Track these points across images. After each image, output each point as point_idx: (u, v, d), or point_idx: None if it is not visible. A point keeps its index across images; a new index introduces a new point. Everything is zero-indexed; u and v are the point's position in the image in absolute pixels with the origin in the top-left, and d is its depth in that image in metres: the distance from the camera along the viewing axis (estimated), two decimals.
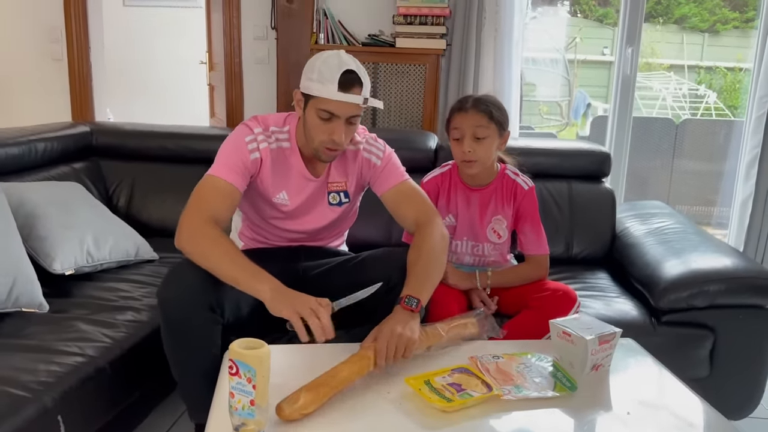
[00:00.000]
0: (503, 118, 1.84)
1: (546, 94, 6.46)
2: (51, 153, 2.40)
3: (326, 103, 1.59)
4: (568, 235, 2.42)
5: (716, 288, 1.89)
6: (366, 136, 1.82)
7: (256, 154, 1.67)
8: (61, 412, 1.36)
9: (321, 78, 1.59)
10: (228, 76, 3.47)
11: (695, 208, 4.44)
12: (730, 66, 6.69)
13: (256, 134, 1.69)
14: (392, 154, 1.83)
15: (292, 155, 1.74)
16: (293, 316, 1.39)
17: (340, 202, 1.81)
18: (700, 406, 1.32)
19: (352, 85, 1.59)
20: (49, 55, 3.58)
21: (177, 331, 1.48)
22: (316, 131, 1.63)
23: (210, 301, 1.49)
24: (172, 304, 1.47)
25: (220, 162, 1.65)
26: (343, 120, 1.61)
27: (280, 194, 1.74)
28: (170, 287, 1.49)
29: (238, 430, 1.11)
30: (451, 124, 1.86)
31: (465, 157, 1.83)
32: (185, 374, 1.53)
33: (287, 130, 1.74)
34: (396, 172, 1.79)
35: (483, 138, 1.81)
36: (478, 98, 1.85)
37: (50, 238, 1.92)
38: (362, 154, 1.79)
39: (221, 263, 1.49)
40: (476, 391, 1.29)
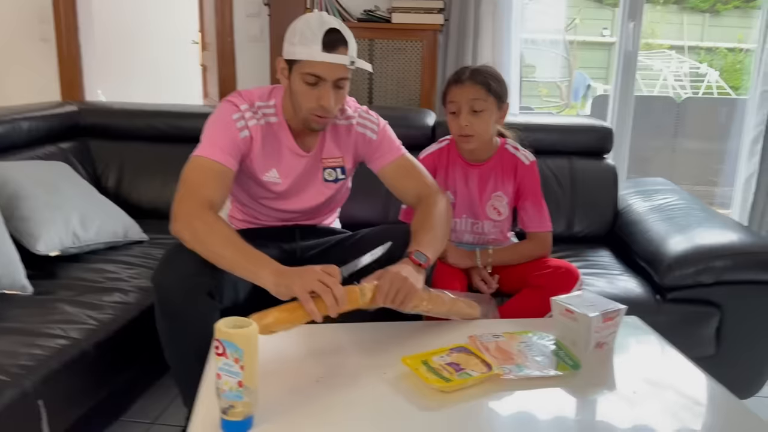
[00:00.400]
0: (502, 89, 1.77)
1: (546, 75, 6.39)
2: (37, 132, 2.34)
3: (311, 65, 1.51)
4: (570, 213, 2.37)
5: (723, 264, 1.84)
6: (358, 110, 1.75)
7: (245, 132, 1.59)
8: (43, 396, 1.31)
9: (303, 40, 1.50)
10: (220, 55, 3.40)
11: (697, 187, 4.39)
12: (730, 46, 6.63)
13: (242, 111, 1.60)
14: (386, 127, 1.76)
15: (281, 130, 1.66)
16: (304, 295, 1.26)
17: (336, 179, 1.74)
18: (707, 384, 1.27)
19: (337, 44, 1.51)
20: (37, 36, 3.51)
21: (173, 317, 1.41)
22: (303, 98, 1.56)
23: (209, 286, 1.42)
24: (169, 289, 1.40)
25: (208, 142, 1.56)
26: (331, 83, 1.53)
27: (270, 172, 1.67)
28: (167, 271, 1.42)
29: (226, 413, 1.06)
30: (448, 97, 1.79)
31: (462, 131, 1.76)
32: (180, 360, 1.47)
33: (273, 104, 1.66)
34: (393, 146, 1.74)
35: (480, 111, 1.74)
36: (475, 69, 1.78)
37: (34, 219, 1.86)
38: (356, 128, 1.73)
39: (220, 250, 1.40)
40: (475, 370, 1.24)
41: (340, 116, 1.73)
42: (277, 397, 1.15)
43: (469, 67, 1.80)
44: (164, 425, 1.87)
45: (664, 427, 1.12)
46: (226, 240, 1.41)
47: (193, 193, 1.48)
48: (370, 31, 3.02)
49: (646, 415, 1.15)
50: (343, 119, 1.73)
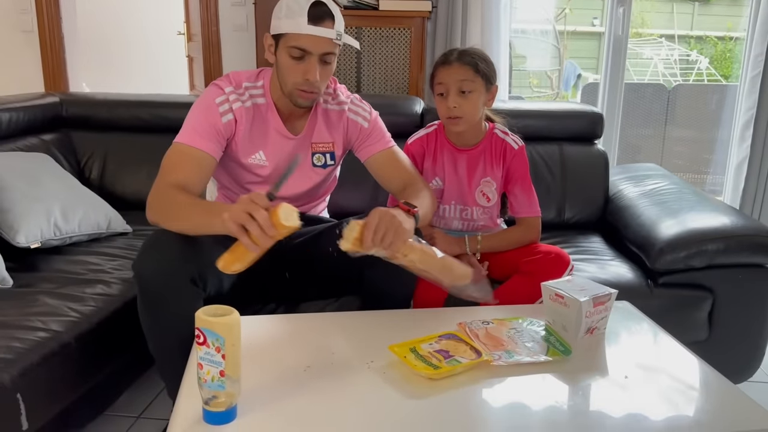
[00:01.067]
0: (490, 71, 1.74)
1: (536, 65, 6.37)
2: (18, 124, 2.29)
3: (296, 39, 1.49)
4: (560, 199, 2.35)
5: (715, 247, 1.83)
6: (351, 97, 1.73)
7: (229, 116, 1.56)
8: (21, 390, 1.27)
9: (289, 13, 1.49)
10: (206, 45, 3.35)
11: (688, 175, 4.39)
12: (720, 35, 6.63)
13: (227, 93, 1.57)
14: (378, 117, 1.76)
15: (268, 111, 1.64)
16: (236, 230, 1.22)
17: (325, 164, 1.72)
18: (700, 369, 1.26)
19: (323, 18, 1.49)
20: (18, 27, 3.45)
21: (155, 305, 1.38)
22: (289, 72, 1.53)
23: (191, 273, 1.38)
24: (150, 276, 1.36)
25: (188, 127, 1.54)
26: (317, 57, 1.51)
27: (256, 154, 1.63)
28: (148, 258, 1.38)
29: (209, 404, 1.03)
30: (435, 78, 1.76)
31: (450, 113, 1.73)
32: (164, 351, 1.43)
33: (261, 85, 1.64)
34: (383, 137, 1.74)
35: (469, 92, 1.71)
36: (463, 50, 1.75)
37: (14, 211, 1.82)
38: (348, 114, 1.71)
39: (186, 218, 1.39)
40: (465, 357, 1.22)
41: (331, 101, 1.71)
42: (262, 386, 1.12)
43: (456, 49, 1.77)
44: (150, 419, 1.84)
45: (657, 412, 1.10)
46: (188, 206, 1.41)
47: (164, 178, 1.49)
48: (358, 19, 2.97)
49: (638, 400, 1.13)
50: (335, 104, 1.71)
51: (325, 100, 1.71)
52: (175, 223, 1.41)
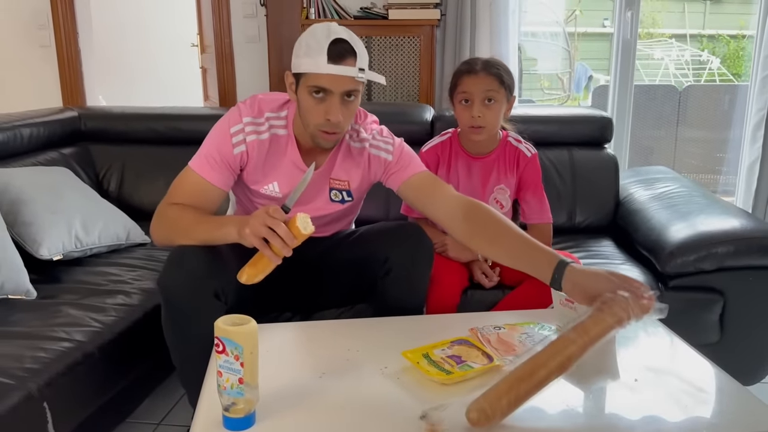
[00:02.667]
0: (512, 82, 1.79)
1: (547, 67, 6.38)
2: (38, 138, 2.35)
3: (316, 78, 1.43)
4: (571, 204, 2.36)
5: (725, 250, 1.83)
6: (373, 132, 1.66)
7: (241, 148, 1.54)
8: (48, 399, 1.31)
9: (309, 52, 1.43)
10: (219, 57, 3.40)
11: (700, 176, 4.37)
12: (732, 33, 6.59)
13: (244, 124, 1.54)
14: (403, 145, 1.67)
15: (288, 144, 1.59)
16: (258, 243, 1.27)
17: (343, 200, 1.68)
18: (711, 371, 1.26)
19: (344, 55, 1.42)
20: (36, 42, 3.52)
21: (180, 319, 1.42)
22: (311, 113, 1.48)
23: (215, 288, 1.42)
24: (175, 292, 1.39)
25: (202, 153, 1.54)
26: (338, 96, 1.45)
27: (269, 185, 1.61)
28: (173, 274, 1.40)
29: (228, 410, 1.06)
30: (459, 87, 1.78)
31: (473, 122, 1.76)
32: (186, 361, 1.47)
33: (284, 116, 1.60)
34: (414, 163, 1.64)
35: (493, 103, 1.74)
36: (487, 61, 1.77)
37: (36, 224, 1.87)
38: (369, 151, 1.64)
39: (189, 232, 1.43)
40: (477, 362, 1.24)
41: (355, 137, 1.65)
42: (279, 392, 1.15)
43: (479, 59, 1.79)
44: (170, 425, 1.88)
45: (668, 414, 1.11)
46: (192, 221, 1.44)
47: (168, 201, 1.52)
48: (367, 29, 3.01)
49: (649, 403, 1.14)
50: (357, 141, 1.65)
51: (351, 135, 1.65)
52: (185, 240, 1.43)
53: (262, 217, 1.27)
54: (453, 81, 1.80)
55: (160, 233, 1.49)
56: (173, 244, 1.45)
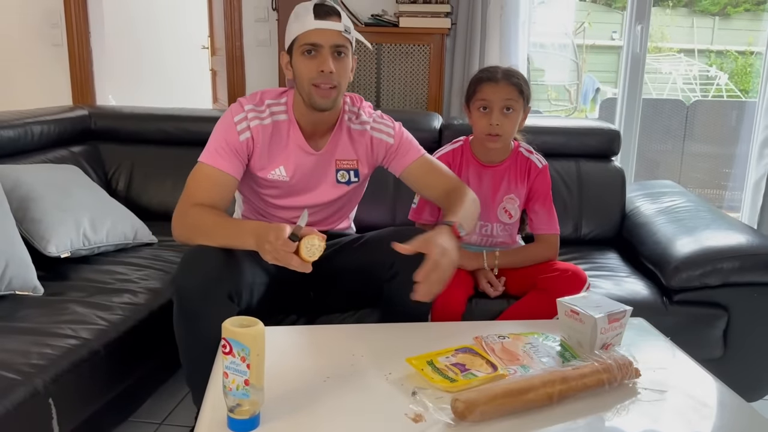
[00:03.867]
0: (529, 93, 1.81)
1: (554, 78, 6.38)
2: (48, 136, 2.36)
3: (306, 36, 1.55)
4: (577, 215, 2.37)
5: (730, 265, 1.83)
6: (373, 115, 1.76)
7: (246, 134, 1.61)
8: (53, 395, 1.32)
9: (296, 18, 1.57)
10: (229, 60, 3.42)
11: (706, 191, 4.37)
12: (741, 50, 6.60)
13: (246, 111, 1.63)
14: (402, 129, 1.78)
15: (291, 128, 1.68)
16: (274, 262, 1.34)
17: (349, 181, 1.75)
18: (715, 387, 1.27)
19: (329, 13, 1.56)
20: (48, 41, 3.55)
21: (192, 319, 1.43)
22: (305, 71, 1.57)
23: (229, 290, 1.44)
24: (190, 292, 1.41)
25: (210, 146, 1.61)
26: (328, 49, 1.55)
27: (276, 170, 1.68)
28: (188, 274, 1.43)
29: (233, 411, 1.07)
30: (478, 94, 1.78)
31: (491, 130, 1.76)
32: (195, 361, 1.48)
33: (284, 102, 1.68)
34: (412, 147, 1.76)
35: (511, 112, 1.76)
36: (507, 70, 1.79)
37: (45, 221, 1.88)
38: (371, 133, 1.73)
39: (210, 235, 1.46)
40: (481, 371, 1.25)
41: (355, 119, 1.73)
42: (284, 395, 1.16)
43: (500, 67, 1.81)
44: (172, 425, 1.89)
45: (672, 429, 1.12)
46: (213, 226, 1.47)
47: (188, 198, 1.56)
48: (378, 36, 3.03)
49: (652, 417, 1.15)
50: (358, 123, 1.73)
51: (350, 118, 1.73)
52: (205, 241, 1.48)
53: (273, 253, 1.32)
54: (471, 88, 1.81)
55: (181, 232, 1.54)
56: (193, 243, 1.50)
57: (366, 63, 3.05)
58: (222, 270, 1.43)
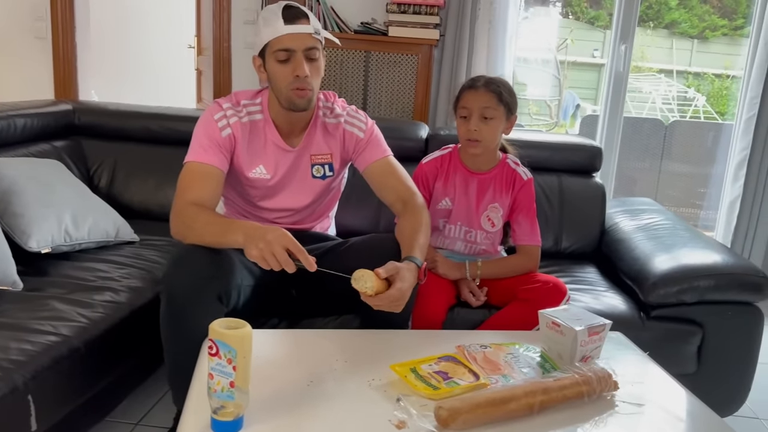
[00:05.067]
0: (512, 101, 1.83)
1: (536, 93, 6.46)
2: (31, 130, 2.34)
3: (278, 42, 1.58)
4: (557, 229, 2.40)
5: (706, 284, 1.87)
6: (347, 109, 1.80)
7: (227, 131, 1.65)
8: (32, 392, 1.31)
9: (265, 23, 1.59)
10: (216, 61, 3.41)
11: (681, 209, 4.45)
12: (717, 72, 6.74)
13: (225, 110, 1.67)
14: (374, 127, 1.81)
15: (266, 126, 1.72)
16: (260, 261, 1.35)
17: (324, 175, 1.78)
18: (688, 401, 1.30)
19: (298, 17, 1.59)
20: (32, 33, 3.50)
21: (180, 318, 1.43)
22: (280, 77, 1.61)
23: (219, 291, 1.45)
24: (179, 292, 1.41)
25: (194, 145, 1.64)
26: (301, 54, 1.59)
27: (257, 169, 1.71)
28: (178, 274, 1.43)
29: (217, 413, 1.06)
30: (460, 102, 1.84)
31: (470, 135, 1.80)
32: (180, 361, 1.46)
33: (259, 102, 1.73)
34: (380, 146, 1.78)
35: (490, 119, 1.79)
36: (490, 79, 1.83)
37: (27, 215, 1.86)
38: (344, 126, 1.77)
39: (203, 233, 1.47)
40: (463, 379, 1.26)
41: (329, 114, 1.77)
42: (267, 399, 1.16)
43: (483, 76, 1.85)
44: (149, 426, 1.87)
45: None
46: (205, 225, 1.48)
47: (181, 197, 1.57)
48: (367, 43, 3.05)
49: (629, 430, 1.17)
50: (332, 117, 1.77)
51: (324, 113, 1.78)
52: (196, 240, 1.49)
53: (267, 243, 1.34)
54: (457, 95, 1.85)
55: (177, 230, 1.55)
56: (187, 241, 1.51)
57: (354, 70, 3.07)
58: (212, 270, 1.44)
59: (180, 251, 1.49)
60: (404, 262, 1.47)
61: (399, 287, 1.38)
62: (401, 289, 1.38)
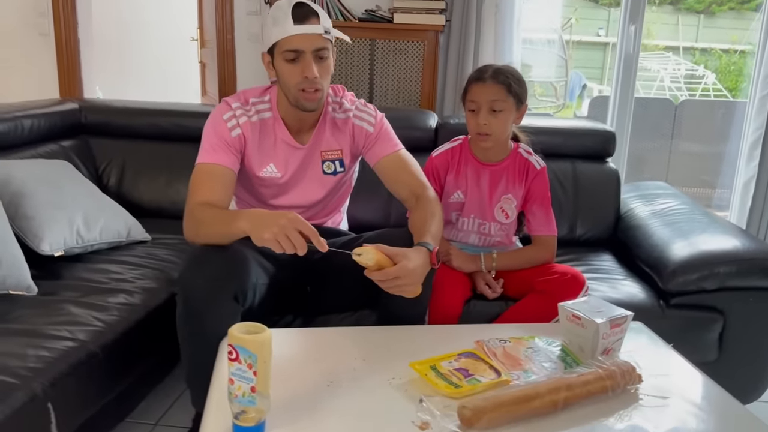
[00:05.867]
0: (522, 91, 1.78)
1: (541, 74, 6.39)
2: (38, 130, 2.32)
3: (287, 42, 1.56)
4: (572, 216, 2.37)
5: (726, 270, 1.85)
6: (356, 103, 1.78)
7: (237, 131, 1.64)
8: (52, 399, 1.30)
9: (275, 21, 1.57)
10: (220, 53, 3.38)
11: (694, 189, 4.41)
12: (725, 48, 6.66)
13: (234, 109, 1.66)
14: (384, 120, 1.78)
15: (276, 125, 1.70)
16: (273, 245, 1.33)
17: (335, 171, 1.77)
18: (711, 390, 1.28)
19: (308, 16, 1.56)
20: (35, 30, 3.48)
21: (197, 319, 1.41)
22: (289, 77, 1.59)
23: (235, 290, 1.43)
24: (195, 292, 1.40)
25: (204, 146, 1.63)
26: (310, 54, 1.57)
27: (267, 167, 1.71)
28: (194, 274, 1.42)
29: (238, 418, 1.05)
30: (468, 95, 1.79)
31: (479, 129, 1.77)
32: (198, 362, 1.45)
33: (268, 100, 1.71)
34: (390, 140, 1.76)
35: (499, 111, 1.75)
36: (497, 69, 1.78)
37: (38, 218, 1.84)
38: (353, 121, 1.75)
39: (211, 228, 1.48)
40: (485, 376, 1.25)
41: (338, 109, 1.75)
42: (287, 401, 1.15)
43: (491, 66, 1.80)
44: (168, 426, 1.87)
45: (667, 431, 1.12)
46: (213, 219, 1.48)
47: (191, 199, 1.57)
48: (372, 31, 3.01)
49: (649, 420, 1.15)
50: (341, 112, 1.76)
51: (333, 108, 1.76)
52: (205, 239, 1.48)
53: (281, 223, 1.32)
54: (465, 88, 1.81)
55: (189, 231, 1.54)
56: (199, 241, 1.50)
57: (359, 59, 3.03)
58: (229, 270, 1.43)
59: (195, 252, 1.48)
60: (414, 246, 1.45)
61: (403, 264, 1.36)
62: (405, 267, 1.36)
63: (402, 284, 1.38)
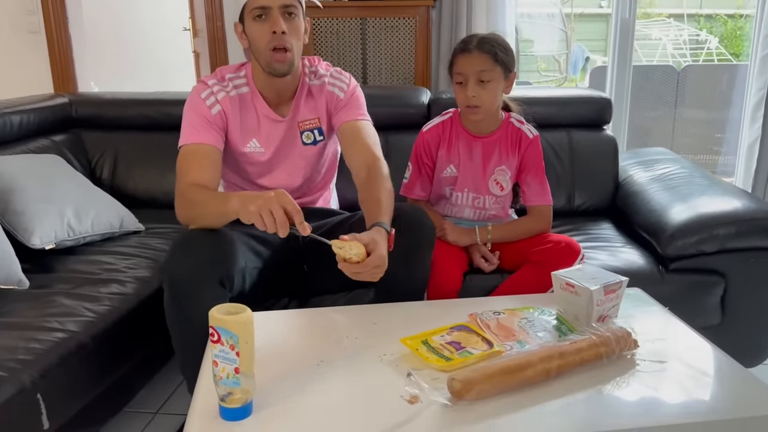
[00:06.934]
0: (509, 59, 1.74)
1: (543, 49, 6.32)
2: (28, 126, 2.31)
3: (255, 0, 1.55)
4: (570, 186, 2.34)
5: (726, 231, 1.81)
6: (330, 70, 1.77)
7: (217, 107, 1.63)
8: (41, 390, 1.29)
9: None
10: (211, 41, 3.35)
11: (699, 156, 4.35)
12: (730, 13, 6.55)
13: (211, 86, 1.65)
14: (357, 89, 1.76)
15: (254, 98, 1.69)
16: (257, 219, 1.28)
17: (315, 141, 1.75)
18: (713, 354, 1.26)
19: None
20: (25, 28, 3.46)
21: (183, 305, 1.40)
22: (259, 37, 1.58)
23: (221, 276, 1.41)
24: (181, 278, 1.39)
25: (185, 128, 1.62)
26: (277, 9, 1.56)
27: (250, 143, 1.69)
28: (179, 260, 1.41)
29: (225, 400, 1.04)
30: (454, 67, 1.75)
31: (469, 102, 1.73)
32: (187, 348, 1.45)
33: (244, 75, 1.70)
34: (357, 109, 1.74)
35: (488, 82, 1.71)
36: (482, 38, 1.74)
37: (28, 213, 1.84)
38: (327, 87, 1.74)
39: (204, 209, 1.46)
40: (476, 348, 1.22)
41: (314, 78, 1.74)
42: (277, 381, 1.14)
43: (476, 36, 1.76)
44: (168, 414, 1.87)
45: (671, 398, 1.10)
46: (206, 199, 1.46)
47: (180, 182, 1.55)
48: (362, 10, 2.96)
49: (651, 386, 1.13)
50: (316, 79, 1.74)
51: (310, 78, 1.75)
52: (199, 221, 1.48)
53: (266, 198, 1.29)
54: (450, 60, 1.77)
55: (180, 213, 1.53)
56: (192, 223, 1.49)
57: (351, 39, 2.99)
58: (214, 255, 1.41)
59: (180, 236, 1.46)
60: (373, 228, 1.40)
61: (380, 254, 1.32)
62: (381, 255, 1.33)
63: (379, 272, 1.34)
